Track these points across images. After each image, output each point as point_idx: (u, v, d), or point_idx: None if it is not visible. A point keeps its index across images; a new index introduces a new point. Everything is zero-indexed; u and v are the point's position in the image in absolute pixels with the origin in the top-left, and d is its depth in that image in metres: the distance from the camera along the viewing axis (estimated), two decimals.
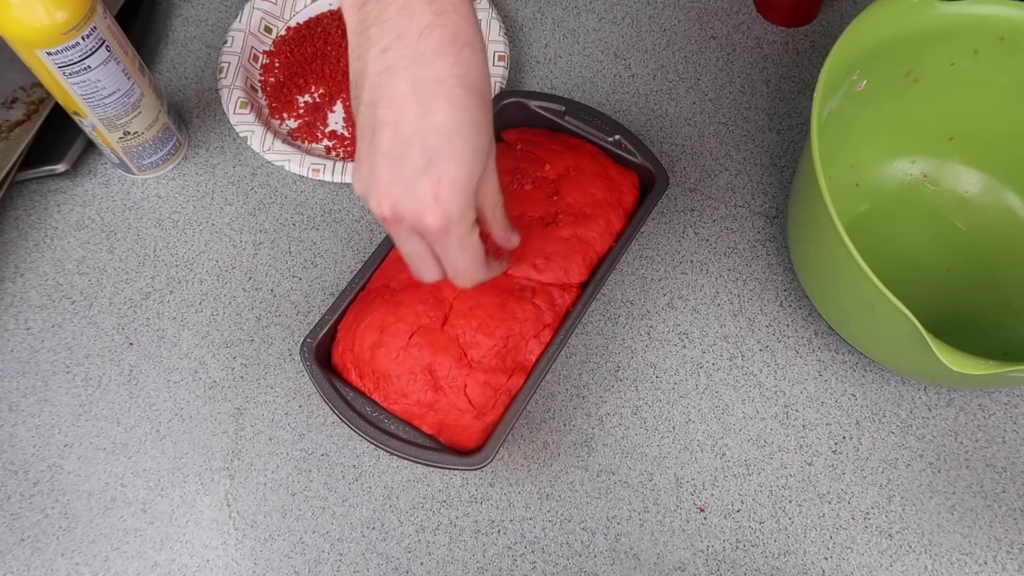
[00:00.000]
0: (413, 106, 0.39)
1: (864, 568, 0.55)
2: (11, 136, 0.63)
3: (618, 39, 0.73)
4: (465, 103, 0.39)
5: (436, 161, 0.39)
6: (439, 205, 0.40)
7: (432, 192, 0.40)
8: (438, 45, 0.39)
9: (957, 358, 0.45)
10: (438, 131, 0.39)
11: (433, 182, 0.40)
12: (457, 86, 0.39)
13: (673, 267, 0.64)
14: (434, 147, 0.39)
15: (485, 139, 0.41)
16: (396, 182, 0.40)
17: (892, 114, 0.63)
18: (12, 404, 0.60)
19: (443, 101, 0.39)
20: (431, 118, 0.39)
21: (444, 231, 0.41)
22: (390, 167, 0.40)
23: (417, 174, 0.40)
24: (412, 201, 0.40)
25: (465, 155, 0.40)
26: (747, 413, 0.59)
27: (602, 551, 0.56)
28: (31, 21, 0.51)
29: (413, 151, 0.39)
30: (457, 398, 0.52)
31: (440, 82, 0.39)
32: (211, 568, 0.55)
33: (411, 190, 0.40)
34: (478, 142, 0.40)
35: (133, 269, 0.64)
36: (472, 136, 0.40)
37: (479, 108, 0.40)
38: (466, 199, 0.41)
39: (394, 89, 0.39)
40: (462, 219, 0.41)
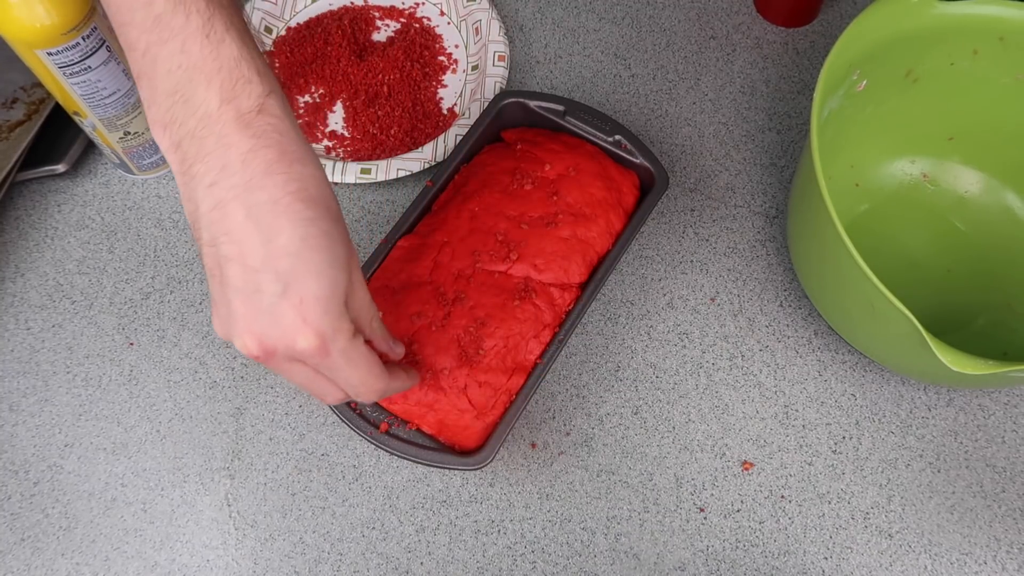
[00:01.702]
0: (253, 233, 0.37)
1: (864, 568, 0.55)
2: (11, 136, 0.63)
3: (618, 39, 0.73)
4: (308, 215, 0.37)
5: (293, 282, 0.37)
6: (308, 326, 0.38)
7: (297, 315, 0.37)
8: (265, 166, 0.37)
9: (957, 358, 0.45)
10: (286, 251, 0.37)
11: (295, 305, 0.37)
12: (296, 201, 0.37)
13: (673, 267, 0.64)
14: (287, 269, 0.37)
15: (340, 248, 0.38)
16: (257, 316, 0.38)
17: (892, 114, 0.63)
18: (12, 404, 0.60)
19: (284, 220, 0.37)
20: (276, 241, 0.37)
21: (323, 351, 0.38)
22: (246, 302, 0.37)
23: (276, 301, 0.37)
24: (279, 331, 0.38)
25: (322, 267, 0.37)
26: (747, 413, 0.59)
27: (602, 551, 0.56)
28: (31, 21, 0.51)
29: (266, 279, 0.37)
30: (457, 398, 0.52)
31: (276, 202, 0.37)
32: (211, 568, 0.55)
33: (275, 320, 0.37)
34: (332, 252, 0.38)
35: (133, 269, 0.64)
36: (325, 248, 0.38)
37: (325, 219, 0.38)
38: (336, 311, 0.38)
39: (230, 221, 0.37)
40: (337, 332, 0.39)
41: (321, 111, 0.68)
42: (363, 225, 0.65)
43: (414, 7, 0.73)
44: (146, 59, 0.39)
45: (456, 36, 0.72)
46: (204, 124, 0.37)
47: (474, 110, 0.66)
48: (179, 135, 0.38)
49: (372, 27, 0.72)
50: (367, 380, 0.42)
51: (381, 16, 0.73)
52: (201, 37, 0.38)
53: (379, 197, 0.66)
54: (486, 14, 0.70)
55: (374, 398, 0.44)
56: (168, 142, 0.39)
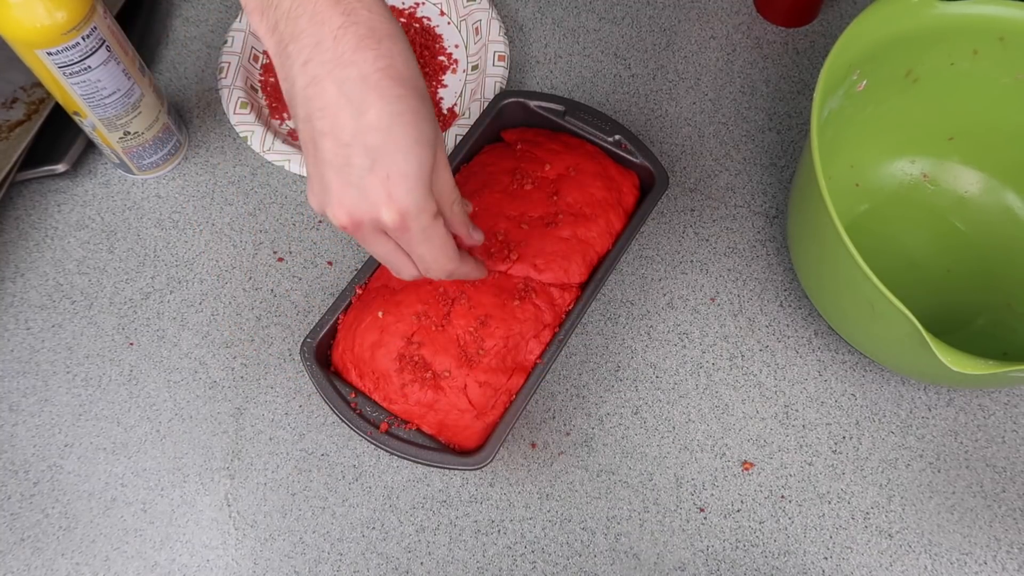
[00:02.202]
0: (345, 108, 0.38)
1: (864, 568, 0.55)
2: (11, 136, 0.63)
3: (618, 39, 0.73)
4: (397, 93, 0.39)
5: (380, 158, 0.39)
6: (392, 201, 0.40)
7: (383, 190, 0.39)
8: (356, 42, 0.38)
9: (957, 358, 0.45)
10: (375, 127, 0.38)
11: (382, 179, 0.39)
12: (385, 79, 0.38)
13: (673, 267, 0.64)
14: (375, 144, 0.39)
15: (428, 127, 0.40)
16: (347, 187, 0.40)
17: (892, 114, 0.63)
18: (12, 404, 0.60)
19: (374, 96, 0.38)
20: (366, 116, 0.38)
21: (403, 226, 0.41)
22: (337, 175, 0.40)
23: (364, 175, 0.39)
24: (366, 203, 0.40)
25: (409, 144, 0.39)
26: (747, 413, 0.59)
27: (602, 551, 0.56)
28: (31, 21, 0.51)
29: (356, 153, 0.39)
30: (457, 398, 0.52)
31: (366, 78, 0.38)
32: (211, 568, 0.55)
33: (363, 193, 0.39)
34: (420, 131, 0.39)
35: (133, 269, 0.64)
36: (412, 125, 0.39)
37: (413, 97, 0.39)
38: (421, 191, 0.40)
39: (323, 97, 0.38)
40: (420, 211, 0.40)
41: None
42: None
43: (414, 7, 0.73)
44: None
45: (456, 36, 0.72)
46: (298, 3, 0.39)
47: (474, 110, 0.66)
48: (275, 17, 0.40)
49: None
50: (439, 259, 0.44)
51: None
52: None
53: None
54: (486, 14, 0.70)
55: (443, 277, 0.46)
56: (264, 27, 0.41)
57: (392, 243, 0.43)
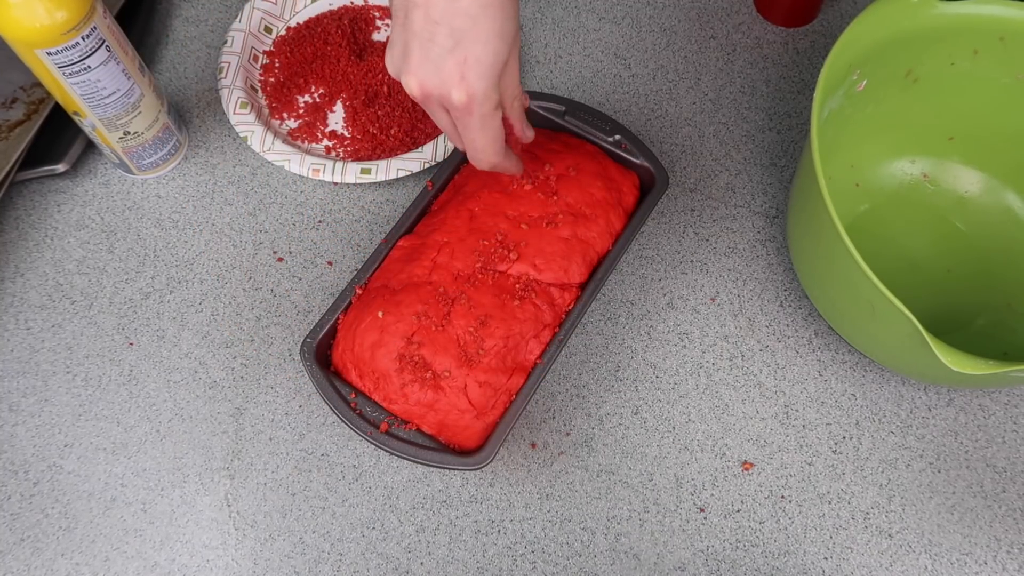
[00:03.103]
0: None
1: (864, 568, 0.55)
2: (11, 136, 0.63)
3: (618, 39, 0.73)
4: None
5: (463, 42, 0.42)
6: (464, 83, 0.43)
7: (458, 71, 0.42)
8: None
9: (957, 358, 0.45)
10: (466, 13, 0.41)
11: (459, 62, 0.42)
12: None
13: (673, 267, 0.64)
14: (461, 28, 0.41)
15: (511, 24, 0.43)
16: (425, 61, 0.43)
17: (892, 114, 0.63)
18: (12, 404, 0.60)
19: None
20: (459, 1, 0.41)
21: (468, 109, 0.44)
22: (420, 47, 0.42)
23: (445, 54, 0.42)
24: (440, 79, 0.43)
25: (491, 37, 0.42)
26: (747, 413, 0.59)
27: (602, 551, 0.56)
28: (31, 21, 0.51)
29: (441, 32, 0.41)
30: (457, 398, 0.52)
31: None
32: (211, 568, 0.55)
33: (439, 69, 0.42)
34: (503, 26, 0.42)
35: (133, 269, 0.64)
36: (498, 19, 0.42)
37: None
38: (491, 80, 0.43)
39: None
40: (486, 99, 0.44)
41: (321, 111, 0.68)
42: (363, 225, 0.65)
43: None
44: None
45: None
46: None
47: None
48: None
49: (372, 27, 0.72)
50: (487, 148, 0.48)
51: (381, 16, 0.73)
52: None
53: (379, 197, 0.66)
54: None
55: (485, 167, 0.50)
56: None
57: (450, 119, 0.46)
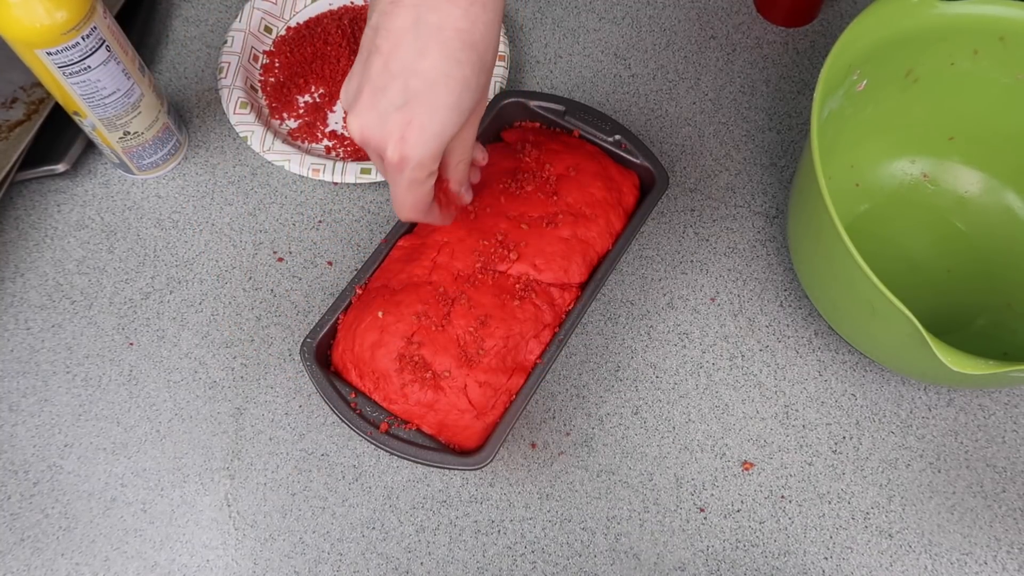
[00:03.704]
0: (409, 43, 0.40)
1: (864, 568, 0.55)
2: (11, 136, 0.63)
3: (618, 39, 0.73)
4: (460, 57, 0.40)
5: (413, 103, 0.41)
6: (402, 144, 0.41)
7: (399, 131, 0.41)
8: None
9: (957, 358, 0.45)
10: (424, 75, 0.40)
11: (403, 122, 0.41)
12: (456, 38, 0.40)
13: (673, 267, 0.64)
14: (415, 90, 0.40)
15: (470, 98, 0.42)
16: (371, 109, 0.41)
17: (892, 114, 0.63)
18: (12, 404, 0.60)
19: (437, 48, 0.40)
20: (421, 61, 0.40)
21: (399, 168, 0.43)
22: (371, 94, 0.41)
23: (392, 109, 0.41)
24: (380, 132, 0.42)
25: (443, 107, 0.41)
26: (747, 413, 0.59)
27: (602, 551, 0.56)
28: (31, 21, 0.51)
29: (395, 86, 0.41)
30: (457, 398, 0.52)
31: (441, 30, 0.40)
32: (211, 568, 0.55)
33: (382, 121, 0.41)
34: (461, 99, 0.41)
35: (133, 269, 0.64)
36: (456, 91, 0.41)
37: (473, 65, 0.41)
38: (431, 149, 0.42)
39: (397, 22, 0.40)
40: (420, 166, 0.43)
41: (321, 111, 0.68)
42: (363, 225, 0.65)
43: None
44: None
45: None
46: None
47: None
48: None
49: None
50: (405, 207, 0.46)
51: None
52: None
53: (379, 197, 0.66)
54: None
55: (402, 219, 0.49)
56: None
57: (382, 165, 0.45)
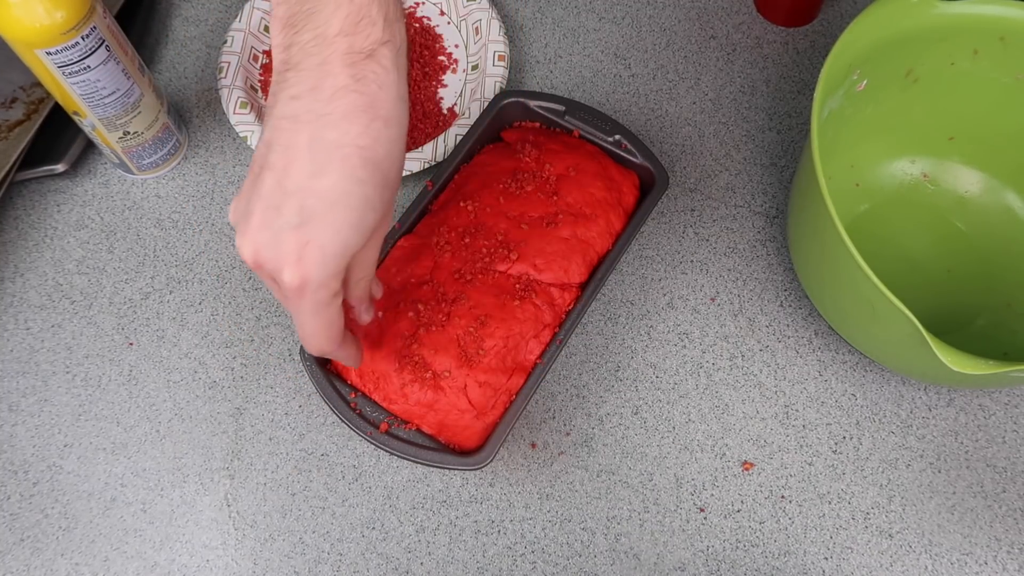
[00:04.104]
0: (305, 162, 0.37)
1: (864, 568, 0.55)
2: (11, 136, 0.63)
3: (618, 39, 0.73)
4: (360, 176, 0.38)
5: (310, 223, 0.38)
6: (300, 266, 0.38)
7: (296, 251, 0.38)
8: (349, 110, 0.38)
9: (957, 358, 0.45)
10: (322, 195, 0.38)
11: (300, 242, 0.38)
12: (356, 156, 0.38)
13: (673, 267, 0.64)
14: (312, 209, 0.38)
15: (372, 217, 0.39)
16: (264, 229, 0.38)
17: (892, 114, 0.63)
18: (12, 404, 0.60)
19: (336, 167, 0.37)
20: (319, 180, 0.37)
21: (300, 293, 0.39)
22: (263, 213, 0.38)
23: (287, 229, 0.38)
24: (275, 253, 0.39)
25: (343, 227, 0.38)
26: (747, 413, 0.59)
27: (602, 551, 0.56)
28: (31, 21, 0.51)
29: (290, 205, 0.38)
30: (457, 398, 0.52)
31: (340, 147, 0.37)
32: (211, 568, 0.55)
33: (276, 242, 0.38)
34: (362, 217, 0.39)
35: (133, 269, 0.64)
36: (357, 210, 0.38)
37: (374, 185, 0.38)
38: (332, 269, 0.39)
39: (291, 139, 0.38)
40: (321, 287, 0.39)
41: None
42: None
43: (414, 7, 0.73)
44: None
45: (456, 36, 0.72)
46: (316, 43, 0.38)
47: (474, 110, 0.66)
48: (292, 40, 0.39)
49: None
50: (317, 336, 0.43)
51: None
52: None
53: None
54: (486, 14, 0.70)
55: (315, 352, 0.45)
56: (279, 41, 0.40)
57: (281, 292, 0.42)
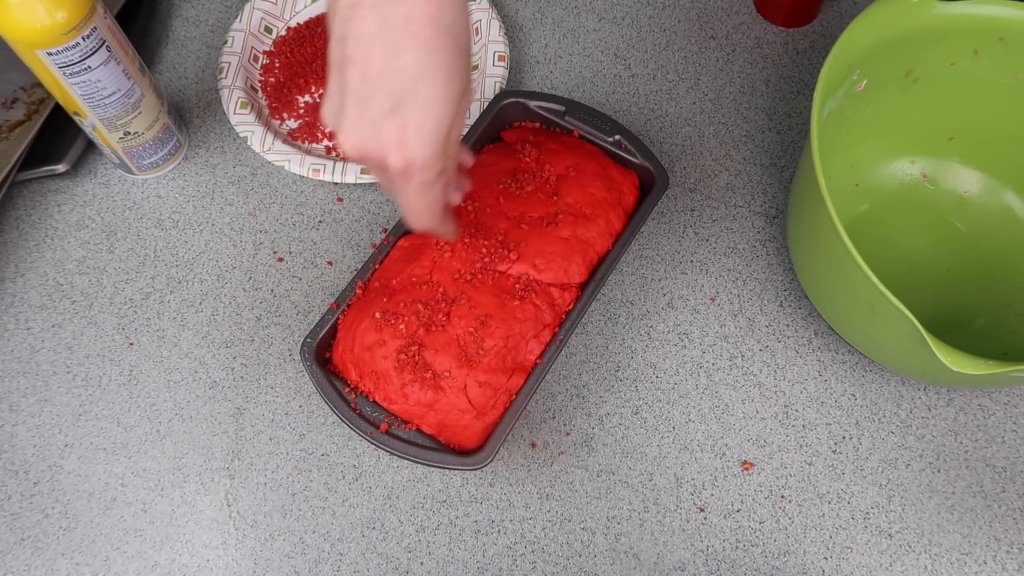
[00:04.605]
0: (380, 45, 0.38)
1: (864, 568, 0.55)
2: (11, 136, 0.63)
3: (618, 39, 0.73)
4: (436, 45, 0.38)
5: (402, 104, 0.38)
6: (402, 150, 0.39)
7: (396, 136, 0.39)
8: None
9: (957, 358, 0.45)
10: (405, 73, 0.38)
11: (398, 126, 0.39)
12: (428, 27, 0.38)
13: (673, 267, 0.64)
14: (401, 89, 0.38)
15: (456, 85, 0.39)
16: (361, 121, 0.39)
17: (892, 114, 0.63)
18: (12, 404, 0.60)
19: (412, 42, 0.38)
20: (399, 59, 0.38)
21: (406, 175, 0.41)
22: (355, 106, 0.39)
23: (382, 116, 0.39)
24: (376, 143, 0.40)
25: (433, 101, 0.39)
26: (747, 413, 0.59)
27: (602, 551, 0.56)
28: (31, 21, 0.51)
29: (379, 92, 0.38)
30: (457, 398, 0.52)
31: (410, 21, 0.37)
32: (211, 568, 0.55)
33: (376, 131, 0.39)
34: (448, 88, 0.39)
35: (133, 269, 0.64)
36: (442, 82, 0.39)
37: (451, 51, 0.39)
38: (433, 147, 0.40)
39: (362, 26, 0.38)
40: (426, 167, 0.40)
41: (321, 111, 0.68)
42: (363, 225, 0.66)
43: None
44: None
45: None
46: None
47: (474, 110, 0.66)
48: None
49: None
50: (423, 215, 0.45)
51: None
52: None
53: (379, 197, 0.66)
54: (486, 14, 0.70)
55: (418, 228, 0.46)
56: None
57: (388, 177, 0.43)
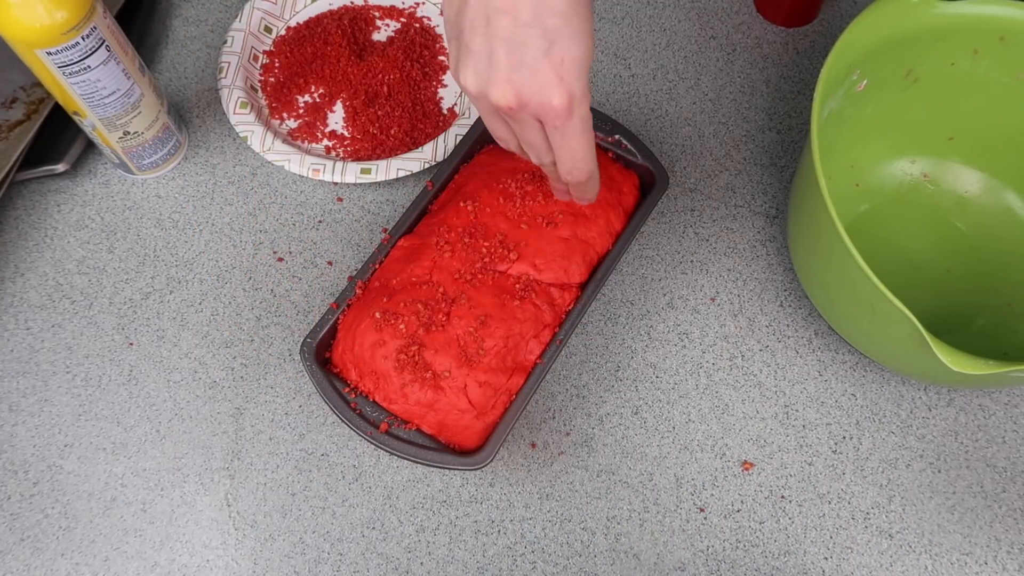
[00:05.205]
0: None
1: (864, 568, 0.55)
2: (11, 136, 0.63)
3: (618, 39, 0.73)
4: None
5: (558, 42, 0.40)
6: (563, 85, 0.40)
7: (556, 73, 0.40)
8: None
9: (957, 358, 0.45)
10: (555, 11, 0.39)
11: (556, 63, 0.40)
12: None
13: (673, 267, 0.64)
14: (555, 28, 0.39)
15: (591, 21, 0.42)
16: (518, 67, 0.40)
17: (892, 114, 0.63)
18: (12, 404, 0.60)
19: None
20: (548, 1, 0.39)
21: (569, 112, 0.41)
22: (511, 54, 0.40)
23: (540, 56, 0.40)
24: (537, 85, 0.40)
25: (583, 32, 0.40)
26: (747, 413, 0.59)
27: (602, 551, 0.56)
28: (31, 21, 0.51)
29: (533, 35, 0.39)
30: (457, 398, 0.52)
31: None
32: (211, 568, 0.55)
33: (534, 74, 0.40)
34: (589, 21, 0.41)
35: (133, 269, 0.64)
36: (585, 15, 0.40)
37: None
38: (587, 79, 0.41)
39: None
40: (584, 98, 0.42)
41: (321, 111, 0.68)
42: (363, 225, 0.65)
43: (414, 7, 0.73)
44: None
45: None
46: None
47: (474, 110, 0.66)
48: None
49: (372, 27, 0.72)
50: (587, 155, 0.44)
51: (381, 16, 0.73)
52: None
53: (379, 197, 0.66)
54: None
55: (583, 177, 0.46)
56: None
57: (542, 133, 0.43)
